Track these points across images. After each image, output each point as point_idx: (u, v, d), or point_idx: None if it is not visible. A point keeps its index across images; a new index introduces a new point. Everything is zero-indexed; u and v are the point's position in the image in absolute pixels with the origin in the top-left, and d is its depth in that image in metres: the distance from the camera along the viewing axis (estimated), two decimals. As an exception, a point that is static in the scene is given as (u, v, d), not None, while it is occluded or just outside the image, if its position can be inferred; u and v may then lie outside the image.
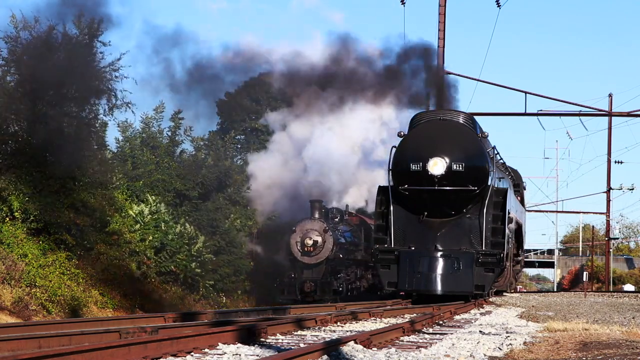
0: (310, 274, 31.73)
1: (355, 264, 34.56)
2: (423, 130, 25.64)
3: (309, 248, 31.68)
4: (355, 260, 34.79)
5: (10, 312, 21.38)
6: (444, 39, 36.15)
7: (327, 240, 31.96)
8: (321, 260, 31.84)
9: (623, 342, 11.57)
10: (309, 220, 32.39)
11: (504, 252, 24.92)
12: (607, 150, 61.35)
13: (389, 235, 25.25)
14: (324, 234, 31.93)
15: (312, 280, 31.48)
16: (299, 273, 31.85)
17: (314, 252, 31.77)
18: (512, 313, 21.04)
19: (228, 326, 12.54)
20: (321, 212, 32.87)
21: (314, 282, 31.45)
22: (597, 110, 42.07)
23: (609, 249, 65.13)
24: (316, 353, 9.27)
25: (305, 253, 31.74)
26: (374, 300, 28.03)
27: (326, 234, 31.94)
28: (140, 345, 9.69)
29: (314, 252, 31.76)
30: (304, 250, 31.76)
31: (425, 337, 12.90)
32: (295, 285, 31.47)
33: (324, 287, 31.43)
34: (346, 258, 33.25)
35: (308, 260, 31.80)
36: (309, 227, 32.01)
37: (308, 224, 32.14)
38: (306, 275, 31.64)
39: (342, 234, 33.72)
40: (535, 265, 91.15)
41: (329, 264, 32.05)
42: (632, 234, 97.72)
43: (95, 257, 26.66)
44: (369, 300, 28.39)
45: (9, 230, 23.42)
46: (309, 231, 31.89)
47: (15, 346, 10.62)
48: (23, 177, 24.10)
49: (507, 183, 30.55)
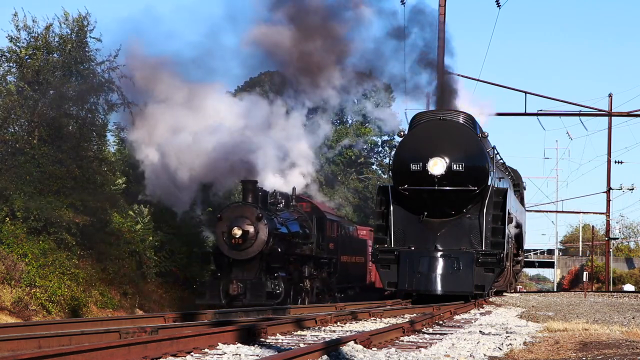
0: (241, 273, 25.35)
1: (301, 261, 28.26)
2: (423, 130, 25.65)
3: (237, 240, 25.12)
4: (303, 256, 28.40)
5: (10, 312, 21.40)
6: (444, 39, 36.14)
7: (261, 230, 25.26)
8: (253, 255, 25.31)
9: (623, 342, 11.57)
10: (239, 205, 25.86)
11: (504, 252, 24.92)
12: (607, 150, 61.33)
13: (389, 235, 25.25)
14: (257, 223, 25.25)
15: (241, 281, 24.96)
16: (227, 271, 25.44)
17: (244, 246, 25.16)
18: (512, 313, 21.04)
19: (228, 326, 12.55)
20: (256, 196, 26.18)
21: (242, 282, 24.92)
22: (597, 110, 42.13)
23: (609, 249, 65.13)
24: (316, 353, 9.27)
25: (234, 246, 25.19)
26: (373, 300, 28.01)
27: (260, 222, 25.26)
28: (140, 345, 9.69)
29: (244, 245, 25.16)
30: (231, 243, 25.20)
31: (425, 337, 12.90)
32: (220, 286, 25.00)
33: (255, 289, 24.98)
34: (287, 253, 26.74)
35: (237, 256, 25.29)
36: (239, 214, 25.40)
37: (237, 210, 25.56)
38: (235, 274, 25.27)
39: (284, 222, 27.33)
40: (535, 265, 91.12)
41: (263, 260, 25.58)
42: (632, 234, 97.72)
43: (95, 257, 26.66)
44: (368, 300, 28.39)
45: (9, 230, 23.43)
46: (238, 219, 25.27)
47: (15, 346, 10.63)
48: (24, 177, 24.11)
49: (507, 183, 30.55)
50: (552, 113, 40.16)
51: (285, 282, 25.70)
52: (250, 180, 26.33)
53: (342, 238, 33.24)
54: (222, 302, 24.44)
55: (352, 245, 35.40)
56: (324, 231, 30.36)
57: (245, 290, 24.85)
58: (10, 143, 25.17)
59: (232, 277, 25.10)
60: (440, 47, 35.55)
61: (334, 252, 31.77)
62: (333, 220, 32.33)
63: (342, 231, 33.52)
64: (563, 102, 40.71)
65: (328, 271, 30.96)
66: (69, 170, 25.43)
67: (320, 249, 30.00)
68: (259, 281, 25.11)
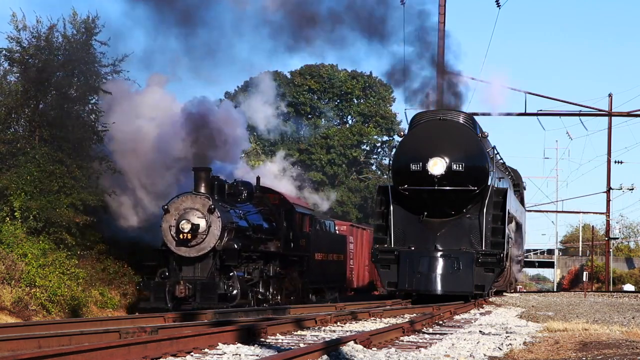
0: (191, 273, 22.69)
1: (266, 258, 25.12)
2: (423, 130, 25.66)
3: (185, 235, 22.46)
4: (267, 253, 25.28)
5: (10, 312, 21.39)
6: (444, 38, 36.15)
7: (213, 223, 22.54)
8: (205, 252, 22.60)
9: (623, 342, 11.58)
10: (189, 195, 22.96)
11: (504, 252, 24.93)
12: (607, 150, 61.33)
13: (389, 235, 25.27)
14: (209, 215, 22.57)
15: (190, 281, 22.14)
16: (176, 270, 22.67)
17: (195, 241, 22.50)
18: (512, 313, 21.04)
19: (228, 326, 12.56)
20: (211, 185, 23.41)
21: (192, 283, 22.06)
22: (597, 110, 42.11)
23: (609, 249, 65.14)
24: (316, 353, 9.28)
25: (182, 242, 22.51)
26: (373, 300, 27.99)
27: (212, 214, 22.56)
28: (140, 345, 9.70)
29: (194, 240, 22.50)
30: (179, 239, 22.50)
31: (425, 337, 12.91)
32: (165, 288, 22.08)
33: (205, 291, 22.05)
34: (247, 249, 23.73)
35: (186, 252, 22.58)
36: (188, 206, 22.76)
37: (187, 201, 22.83)
38: (185, 274, 22.61)
39: (244, 215, 24.34)
40: (535, 265, 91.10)
41: (217, 258, 22.73)
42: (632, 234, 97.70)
43: (95, 257, 26.65)
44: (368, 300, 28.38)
45: (9, 230, 23.42)
46: (188, 211, 22.67)
47: (15, 346, 10.64)
48: (24, 177, 24.11)
49: (507, 183, 30.56)
50: (552, 113, 40.15)
51: (243, 283, 22.74)
52: (203, 168, 23.40)
53: (317, 234, 29.96)
54: (167, 307, 21.54)
55: (329, 242, 32.12)
56: (294, 226, 27.22)
57: (195, 292, 21.99)
58: (12, 143, 25.15)
59: (182, 276, 22.43)
60: (440, 47, 35.56)
61: (306, 249, 28.34)
62: (305, 213, 28.78)
63: (317, 226, 30.30)
64: (563, 102, 40.72)
65: (299, 270, 27.75)
66: (70, 170, 25.41)
67: (289, 246, 26.85)
68: (211, 282, 22.25)
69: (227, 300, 22.10)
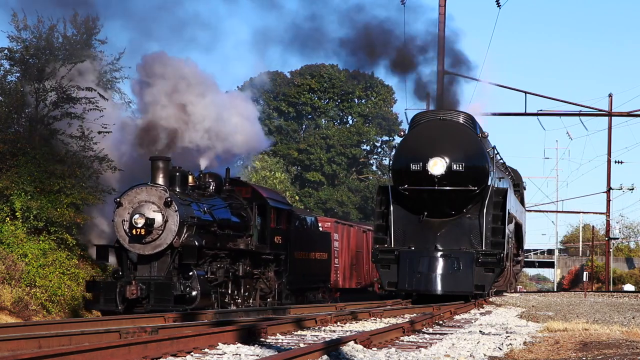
0: (147, 272, 20.85)
1: (234, 257, 23.42)
2: (423, 130, 25.67)
3: (139, 230, 20.58)
4: (236, 251, 23.47)
5: (10, 312, 21.40)
6: (444, 38, 36.16)
7: (170, 218, 20.72)
8: (161, 249, 20.80)
9: (623, 342, 11.58)
10: (144, 187, 21.11)
11: (504, 252, 24.94)
12: (607, 150, 61.37)
13: (389, 235, 25.27)
14: (166, 209, 20.72)
15: (144, 281, 20.33)
16: (131, 269, 20.95)
17: (150, 237, 20.69)
18: (512, 313, 21.05)
19: (228, 326, 12.57)
20: (170, 176, 21.65)
21: (145, 283, 20.24)
22: (597, 110, 42.12)
23: (609, 249, 65.16)
24: (316, 353, 9.28)
25: (136, 238, 20.69)
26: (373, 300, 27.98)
27: (169, 208, 20.71)
28: (140, 345, 9.70)
29: (149, 236, 20.68)
30: (132, 234, 20.69)
31: (425, 337, 12.91)
32: (117, 289, 20.23)
33: (160, 292, 20.15)
34: (211, 247, 22.04)
35: (140, 250, 20.79)
36: (143, 199, 20.89)
37: (142, 194, 20.98)
38: (140, 274, 20.82)
39: (209, 209, 22.52)
40: (535, 265, 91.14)
41: (175, 256, 20.94)
42: (632, 234, 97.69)
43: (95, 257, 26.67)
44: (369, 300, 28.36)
45: (9, 230, 23.43)
46: (143, 204, 20.81)
47: (15, 346, 10.64)
48: (24, 177, 24.11)
49: (507, 183, 30.55)
50: (552, 113, 40.16)
51: (204, 283, 20.87)
52: (161, 157, 21.65)
53: (296, 230, 27.92)
54: (117, 309, 19.93)
55: (311, 240, 29.94)
56: (268, 221, 25.31)
57: (149, 293, 20.17)
58: (12, 143, 25.16)
59: (133, 277, 20.61)
60: (440, 47, 35.58)
61: (283, 246, 26.39)
62: (281, 208, 26.69)
63: (296, 222, 28.30)
64: (563, 102, 40.71)
65: (276, 270, 25.94)
66: (70, 170, 25.42)
67: (262, 243, 25.06)
68: (166, 282, 20.38)
69: (186, 302, 20.20)
